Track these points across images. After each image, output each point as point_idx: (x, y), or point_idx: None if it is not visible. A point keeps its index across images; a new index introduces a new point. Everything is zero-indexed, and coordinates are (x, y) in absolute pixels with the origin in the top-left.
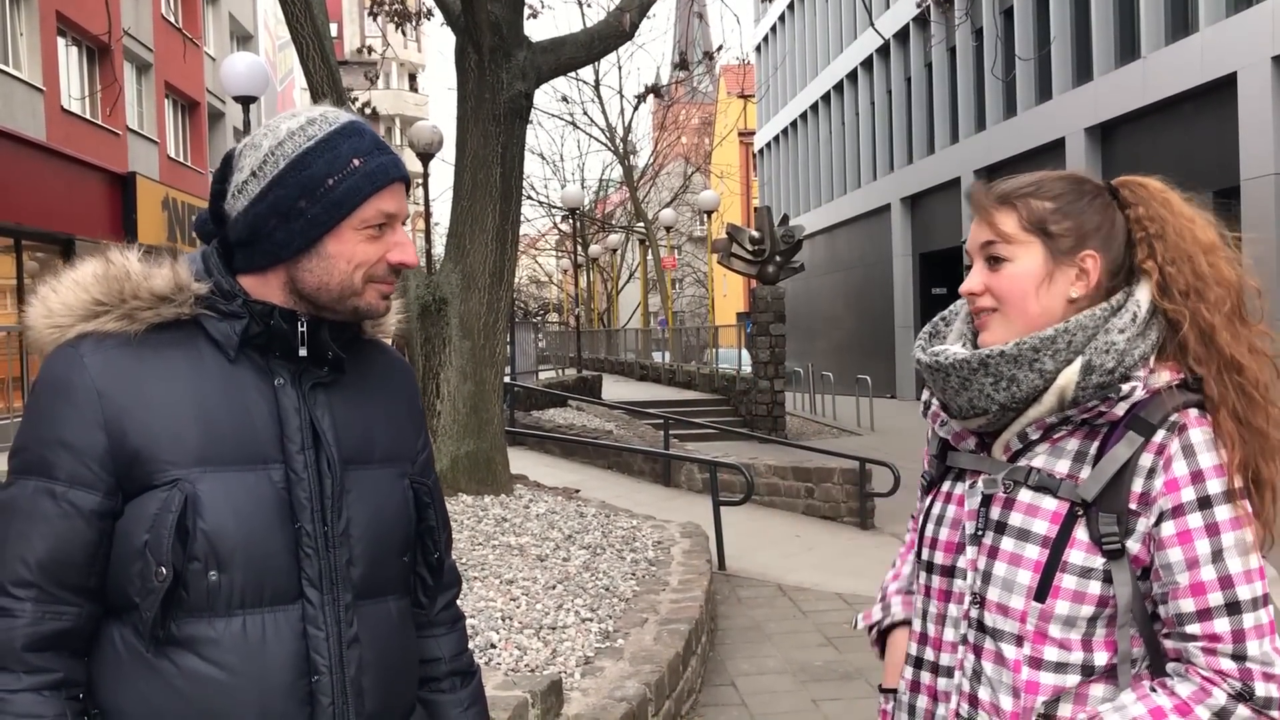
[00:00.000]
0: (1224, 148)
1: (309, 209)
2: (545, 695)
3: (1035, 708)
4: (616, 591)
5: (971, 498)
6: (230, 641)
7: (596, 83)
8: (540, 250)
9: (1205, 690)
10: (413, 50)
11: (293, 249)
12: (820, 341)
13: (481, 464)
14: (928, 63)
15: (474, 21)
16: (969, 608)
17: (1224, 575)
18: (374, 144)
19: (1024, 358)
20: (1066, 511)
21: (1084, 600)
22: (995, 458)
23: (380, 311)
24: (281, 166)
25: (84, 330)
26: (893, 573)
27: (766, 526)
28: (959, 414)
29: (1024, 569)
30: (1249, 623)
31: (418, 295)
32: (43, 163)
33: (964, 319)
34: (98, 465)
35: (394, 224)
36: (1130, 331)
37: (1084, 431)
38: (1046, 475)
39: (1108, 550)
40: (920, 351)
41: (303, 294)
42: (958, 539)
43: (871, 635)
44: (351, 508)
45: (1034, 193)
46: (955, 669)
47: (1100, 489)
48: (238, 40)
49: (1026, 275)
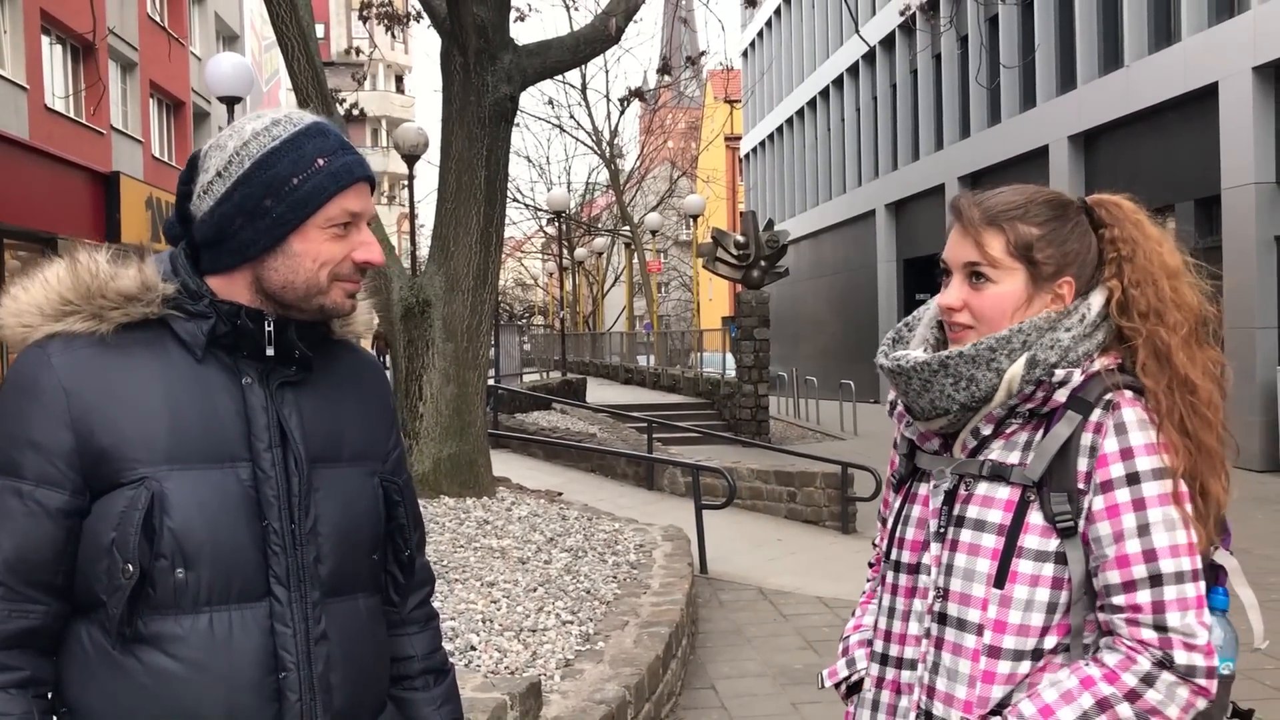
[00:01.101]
0: (1205, 157)
1: (274, 208)
2: (524, 697)
3: (991, 697)
4: (597, 594)
5: (935, 496)
6: (197, 638)
7: (583, 86)
8: (526, 253)
9: (1130, 658)
10: (400, 52)
11: (258, 248)
12: (805, 346)
13: (464, 466)
14: (913, 70)
15: (459, 24)
16: (933, 601)
17: (1148, 549)
18: (338, 144)
19: (981, 358)
20: (1019, 498)
21: (1039, 583)
22: (955, 456)
23: (346, 310)
24: (247, 166)
25: (52, 330)
26: (853, 623)
27: (749, 530)
28: (922, 415)
29: (982, 558)
30: (1171, 595)
31: (401, 297)
32: (25, 161)
33: (927, 324)
34: (65, 464)
35: (359, 223)
36: (1076, 331)
37: (1033, 424)
38: (999, 464)
39: (1062, 528)
40: (883, 357)
41: (269, 293)
42: (923, 537)
43: (841, 691)
44: (320, 505)
45: (1021, 216)
46: (919, 661)
47: (1046, 466)
48: (224, 40)
49: (1007, 297)
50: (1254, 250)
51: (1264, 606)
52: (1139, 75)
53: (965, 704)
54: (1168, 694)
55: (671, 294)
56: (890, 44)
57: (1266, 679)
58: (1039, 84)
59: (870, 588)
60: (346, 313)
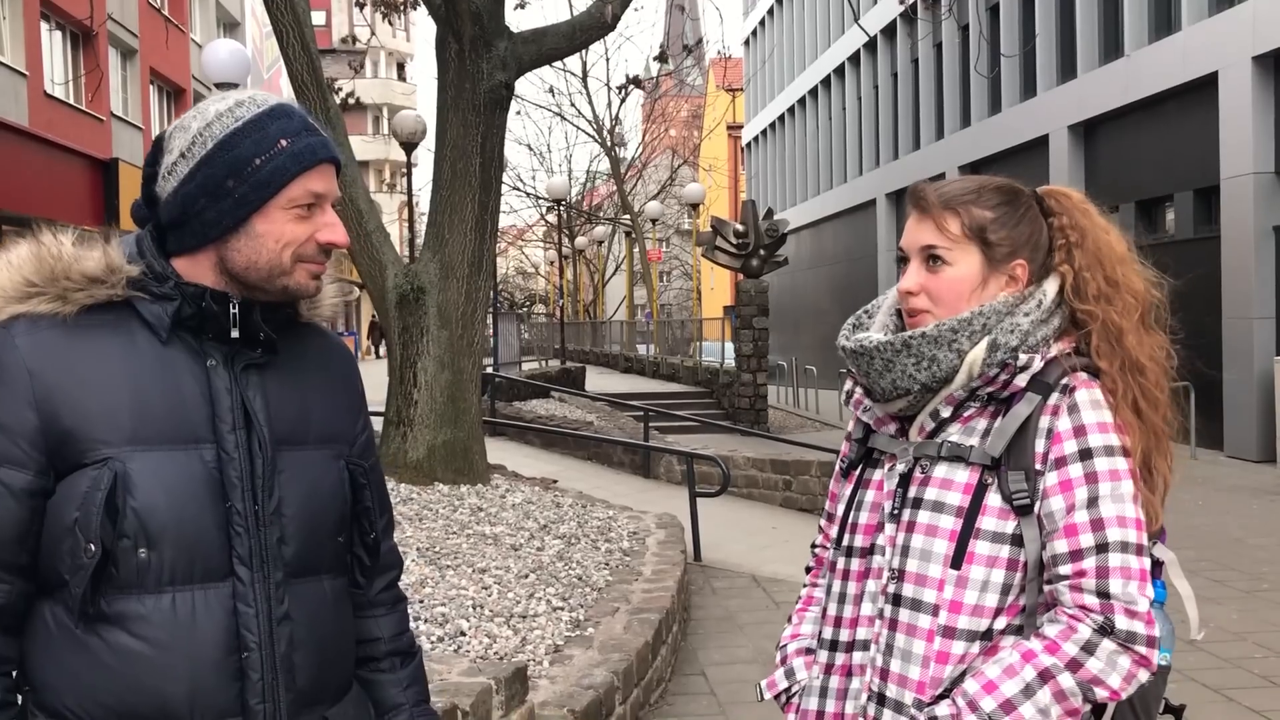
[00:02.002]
0: (1205, 146)
1: (236, 189)
2: (510, 682)
3: (944, 677)
4: (589, 581)
5: (890, 479)
6: (160, 618)
7: (584, 74)
8: (527, 241)
9: (1071, 627)
10: (401, 40)
11: (221, 228)
12: (805, 335)
13: (458, 453)
14: (914, 59)
15: (454, 11)
16: (886, 582)
17: (1095, 519)
18: (303, 126)
19: (943, 338)
20: (978, 481)
21: (996, 564)
22: (912, 439)
23: (310, 291)
24: (209, 147)
25: (16, 311)
26: (790, 630)
27: (743, 518)
28: (882, 397)
29: (940, 539)
30: (1115, 562)
31: (396, 284)
32: (24, 148)
33: (886, 311)
34: (28, 444)
35: (323, 204)
36: (1035, 315)
37: (991, 410)
38: (958, 446)
39: (1018, 506)
40: (844, 339)
41: (233, 274)
42: (877, 520)
43: (780, 702)
44: (284, 487)
45: (975, 200)
46: (871, 642)
47: (1005, 444)
48: (224, 27)
49: (963, 279)
50: (1252, 240)
51: (1254, 596)
52: (1139, 65)
53: (919, 684)
54: (1109, 662)
55: (673, 283)
56: (891, 33)
57: (1255, 667)
58: (1039, 73)
59: (806, 594)
60: (311, 294)
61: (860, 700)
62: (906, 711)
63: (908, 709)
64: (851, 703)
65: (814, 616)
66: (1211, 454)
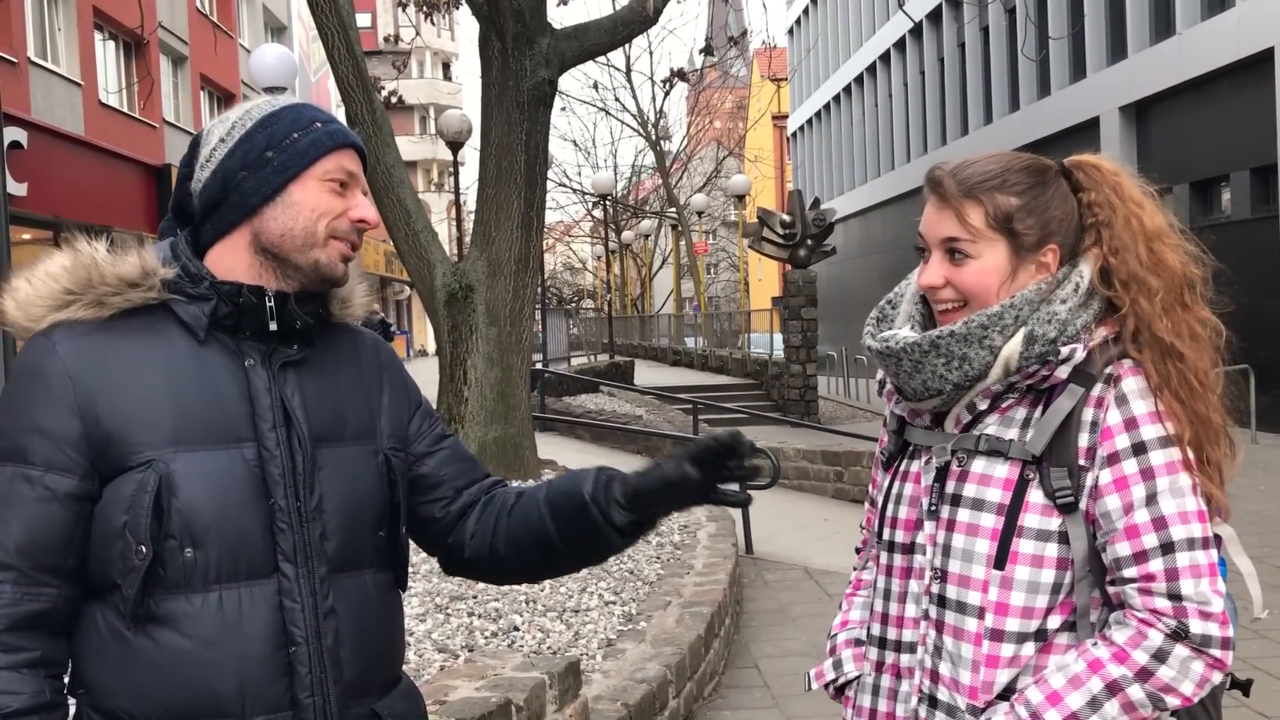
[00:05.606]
0: (1261, 124)
1: (275, 158)
2: (563, 676)
3: (996, 681)
4: (641, 575)
5: (926, 473)
6: (208, 616)
7: (628, 69)
8: (574, 237)
9: (1141, 633)
10: (446, 39)
11: (260, 196)
12: (855, 325)
13: (509, 449)
14: (960, 43)
15: (497, 9)
16: (930, 583)
17: (1158, 517)
18: (332, 118)
19: (973, 335)
20: (1019, 476)
21: (1043, 564)
22: (948, 431)
23: (339, 273)
24: (249, 126)
25: (56, 319)
26: (840, 619)
27: (794, 510)
28: (913, 396)
29: (981, 538)
30: (1183, 561)
31: (444, 283)
32: (81, 156)
33: (910, 300)
34: (72, 449)
35: (355, 186)
36: (1072, 302)
37: (1030, 399)
38: (996, 440)
39: (1062, 504)
40: (869, 338)
41: (267, 247)
42: (916, 515)
43: (829, 693)
44: (324, 484)
45: (999, 186)
46: (918, 644)
47: (1047, 441)
48: (271, 32)
49: (990, 271)
50: None
51: None
52: (1191, 43)
53: (970, 689)
54: (1181, 669)
55: (720, 275)
56: (937, 18)
57: None
58: (1089, 54)
59: (855, 577)
60: (339, 277)
61: (911, 704)
62: (960, 716)
63: (962, 714)
64: (902, 705)
65: (863, 602)
66: (1274, 437)
